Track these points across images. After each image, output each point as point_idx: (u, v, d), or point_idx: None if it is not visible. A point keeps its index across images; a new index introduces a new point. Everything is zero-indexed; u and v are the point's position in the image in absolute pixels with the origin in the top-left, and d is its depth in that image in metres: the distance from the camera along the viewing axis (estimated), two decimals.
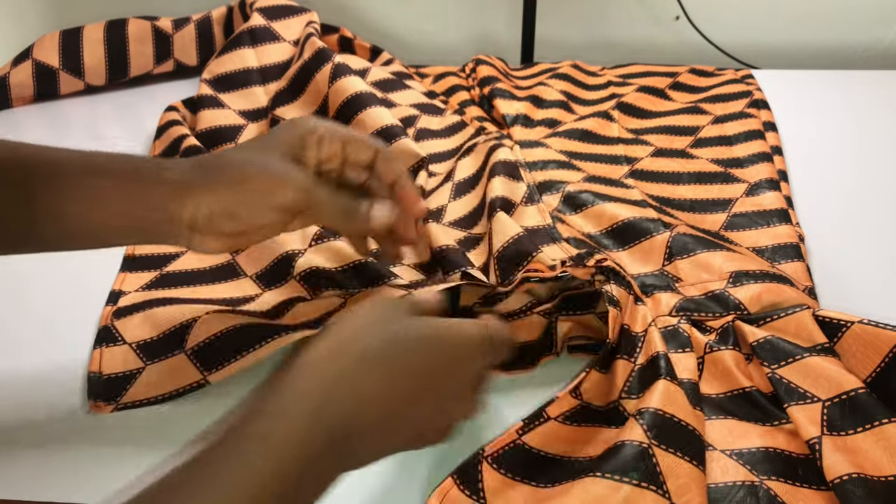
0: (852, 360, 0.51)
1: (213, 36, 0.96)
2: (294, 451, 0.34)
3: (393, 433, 0.40)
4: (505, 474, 0.46)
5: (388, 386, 0.39)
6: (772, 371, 0.51)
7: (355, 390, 0.38)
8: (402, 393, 0.39)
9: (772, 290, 0.57)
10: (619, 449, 0.45)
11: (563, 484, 0.45)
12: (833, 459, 0.46)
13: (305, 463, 0.35)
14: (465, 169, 0.75)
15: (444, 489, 0.45)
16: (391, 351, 0.40)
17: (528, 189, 0.69)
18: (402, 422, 0.40)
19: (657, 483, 0.43)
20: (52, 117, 0.90)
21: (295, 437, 0.35)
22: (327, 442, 0.36)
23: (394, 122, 0.74)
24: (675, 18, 1.10)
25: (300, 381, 0.37)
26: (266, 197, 0.48)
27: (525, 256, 0.59)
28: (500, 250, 0.60)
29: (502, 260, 0.60)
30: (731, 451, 0.48)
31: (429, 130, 0.83)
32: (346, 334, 0.40)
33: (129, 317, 0.57)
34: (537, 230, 0.64)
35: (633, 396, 0.50)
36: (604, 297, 0.54)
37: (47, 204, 0.46)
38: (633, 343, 0.53)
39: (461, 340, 0.42)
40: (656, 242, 0.62)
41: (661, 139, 0.81)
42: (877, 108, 0.88)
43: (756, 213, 0.68)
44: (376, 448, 0.40)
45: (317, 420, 0.36)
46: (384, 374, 0.39)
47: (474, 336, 0.43)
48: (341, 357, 0.38)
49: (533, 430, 0.49)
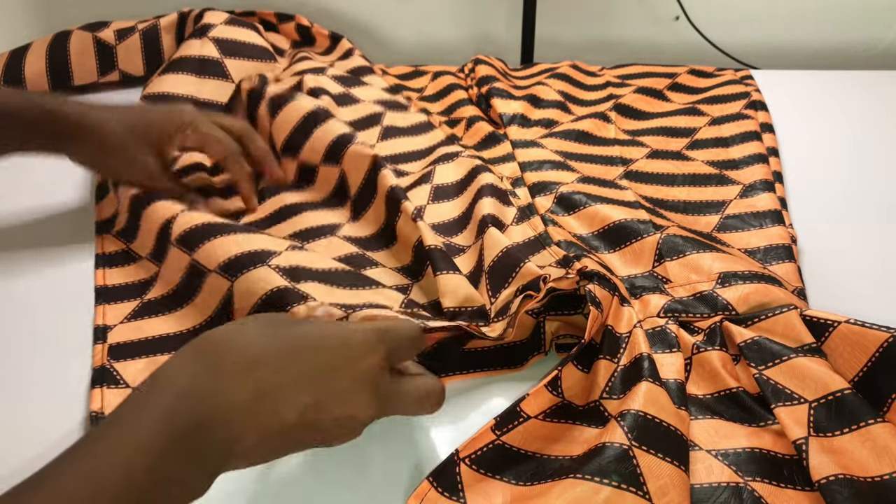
0: (839, 360, 0.52)
1: (160, 45, 0.93)
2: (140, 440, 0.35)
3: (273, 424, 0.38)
4: (485, 473, 0.47)
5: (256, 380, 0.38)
6: (759, 372, 0.51)
7: (215, 386, 0.37)
8: (278, 384, 0.39)
9: (760, 291, 0.57)
10: (600, 451, 0.45)
11: (543, 483, 0.45)
12: (819, 460, 0.46)
13: (150, 454, 0.35)
14: (447, 175, 0.74)
15: (421, 492, 0.45)
16: (264, 348, 0.39)
17: (517, 211, 0.68)
18: (280, 414, 0.38)
19: (637, 484, 0.43)
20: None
21: (142, 428, 0.35)
22: (177, 435, 0.36)
23: (344, 130, 0.73)
24: (675, 18, 1.10)
25: (158, 379, 0.38)
26: (120, 170, 0.67)
27: (513, 268, 0.58)
28: (491, 264, 0.60)
29: (492, 273, 0.60)
30: (717, 452, 0.49)
31: (396, 128, 0.82)
32: (218, 334, 0.40)
33: (130, 361, 0.56)
34: (527, 241, 0.65)
35: (615, 397, 0.50)
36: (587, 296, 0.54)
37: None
38: (617, 344, 0.53)
39: (347, 337, 0.41)
40: (646, 244, 0.63)
41: (658, 141, 0.81)
42: (875, 109, 0.88)
43: (749, 215, 0.68)
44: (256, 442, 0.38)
45: (167, 413, 0.36)
46: (250, 367, 0.38)
47: (367, 337, 0.42)
48: (205, 353, 0.39)
49: (513, 429, 0.49)
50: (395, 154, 0.79)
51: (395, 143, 0.80)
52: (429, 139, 0.82)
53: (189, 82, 0.83)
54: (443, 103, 0.90)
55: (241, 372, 0.38)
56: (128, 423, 0.36)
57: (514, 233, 0.66)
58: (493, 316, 0.57)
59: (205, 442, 0.36)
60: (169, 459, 0.35)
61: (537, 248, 0.64)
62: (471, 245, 0.65)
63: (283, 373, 0.39)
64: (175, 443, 0.35)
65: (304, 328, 0.42)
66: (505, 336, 0.54)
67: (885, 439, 0.46)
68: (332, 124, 0.74)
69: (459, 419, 0.53)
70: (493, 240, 0.62)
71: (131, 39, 0.92)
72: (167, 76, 0.84)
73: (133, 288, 0.64)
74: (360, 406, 0.41)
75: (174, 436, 0.35)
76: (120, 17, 0.94)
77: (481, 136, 0.82)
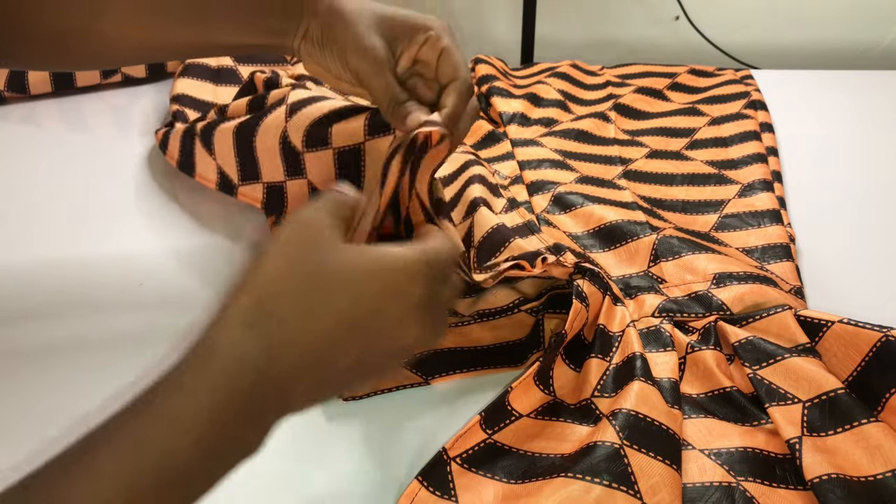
0: (833, 360, 0.52)
1: None
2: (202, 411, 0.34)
3: (324, 372, 0.38)
4: (476, 472, 0.47)
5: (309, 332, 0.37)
6: (753, 372, 0.52)
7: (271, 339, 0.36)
8: (325, 335, 0.38)
9: (755, 291, 0.57)
10: (591, 450, 0.45)
11: (534, 481, 0.45)
12: (812, 459, 0.46)
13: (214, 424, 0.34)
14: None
15: (411, 492, 0.45)
16: (312, 294, 0.38)
17: (507, 202, 0.69)
18: (330, 363, 0.38)
19: (628, 483, 0.43)
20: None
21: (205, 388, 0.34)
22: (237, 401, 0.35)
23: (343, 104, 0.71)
24: (675, 18, 1.10)
25: (214, 333, 0.36)
26: (346, 51, 0.54)
27: (501, 244, 0.59)
28: (480, 241, 0.60)
29: (480, 249, 0.60)
30: (710, 451, 0.49)
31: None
32: (262, 278, 0.38)
33: None
34: (517, 227, 0.65)
35: (607, 395, 0.50)
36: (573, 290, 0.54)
37: None
38: (610, 343, 0.53)
39: (392, 272, 0.40)
40: (642, 244, 0.63)
41: (657, 140, 0.81)
42: (876, 109, 0.88)
43: (748, 214, 0.68)
44: (309, 390, 0.38)
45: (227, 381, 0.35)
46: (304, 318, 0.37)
47: (408, 264, 0.40)
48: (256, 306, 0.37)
49: (505, 427, 0.49)
50: None
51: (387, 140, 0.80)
52: None
53: (207, 90, 0.86)
54: None
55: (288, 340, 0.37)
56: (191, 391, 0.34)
57: (503, 219, 0.66)
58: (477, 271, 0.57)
59: (261, 402, 0.36)
60: (229, 426, 0.34)
61: (526, 234, 0.64)
62: (458, 223, 0.65)
63: (330, 330, 0.38)
64: (235, 409, 0.35)
65: (346, 264, 0.39)
66: (484, 285, 0.54)
67: (879, 439, 0.46)
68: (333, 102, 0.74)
69: (458, 417, 0.53)
70: (484, 218, 0.62)
71: None
72: (189, 80, 0.86)
73: None
74: (408, 337, 0.40)
75: (235, 403, 0.35)
76: None
77: (481, 134, 0.83)
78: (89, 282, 0.65)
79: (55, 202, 0.73)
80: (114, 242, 0.69)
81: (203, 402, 0.34)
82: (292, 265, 0.39)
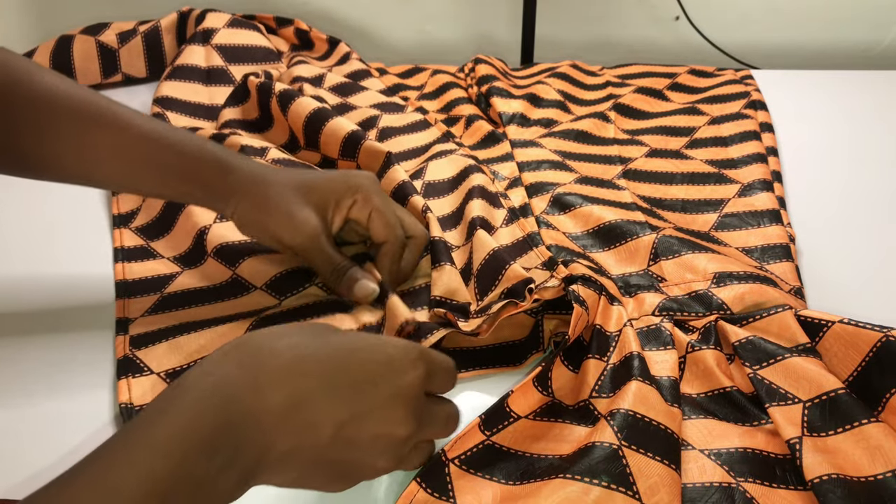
0: (833, 360, 0.51)
1: (162, 46, 0.94)
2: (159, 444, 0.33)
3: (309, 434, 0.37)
4: (474, 473, 0.46)
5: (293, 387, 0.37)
6: (753, 372, 0.51)
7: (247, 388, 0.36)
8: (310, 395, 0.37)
9: (755, 291, 0.57)
10: (589, 450, 0.45)
11: (533, 482, 0.45)
12: (812, 460, 0.46)
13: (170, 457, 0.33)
14: (439, 171, 0.74)
15: (409, 493, 0.45)
16: (304, 355, 0.38)
17: (507, 213, 0.68)
18: (315, 422, 0.37)
19: (626, 484, 0.43)
20: None
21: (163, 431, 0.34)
22: (203, 437, 0.34)
23: (353, 127, 0.73)
24: (675, 18, 1.10)
25: (186, 379, 0.36)
26: (279, 230, 0.57)
27: (499, 271, 0.58)
28: (479, 267, 0.60)
29: (480, 277, 0.60)
30: (710, 451, 0.49)
31: (392, 128, 0.83)
32: (258, 337, 0.39)
33: (151, 347, 0.56)
34: (515, 243, 0.65)
35: (605, 395, 0.50)
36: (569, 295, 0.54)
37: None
38: (607, 343, 0.53)
39: (389, 352, 0.40)
40: (641, 243, 0.63)
41: (657, 140, 0.81)
42: (875, 109, 0.88)
43: (747, 214, 0.68)
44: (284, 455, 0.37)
45: (192, 414, 0.34)
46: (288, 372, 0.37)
47: (407, 348, 0.41)
48: (239, 355, 0.37)
49: (503, 429, 0.49)
50: (393, 153, 0.79)
51: (392, 143, 0.81)
52: (425, 137, 0.82)
53: (200, 91, 0.86)
54: (441, 100, 0.91)
55: (277, 376, 0.37)
56: (149, 426, 0.34)
57: (502, 235, 0.66)
58: (473, 313, 0.57)
59: (234, 444, 0.35)
60: (193, 463, 0.33)
61: (525, 250, 0.64)
62: (461, 246, 0.66)
63: (321, 382, 0.38)
64: (200, 445, 0.34)
65: (347, 338, 0.41)
66: (479, 332, 0.55)
67: (879, 439, 0.46)
68: (338, 121, 0.74)
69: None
70: (481, 242, 0.62)
71: (133, 42, 0.93)
72: (177, 83, 0.86)
73: (154, 282, 0.64)
74: (396, 422, 0.39)
75: (200, 437, 0.34)
76: (116, 18, 0.94)
77: (481, 135, 0.83)
78: (90, 277, 0.65)
79: (55, 201, 0.73)
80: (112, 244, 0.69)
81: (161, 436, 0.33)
82: (301, 333, 0.40)
